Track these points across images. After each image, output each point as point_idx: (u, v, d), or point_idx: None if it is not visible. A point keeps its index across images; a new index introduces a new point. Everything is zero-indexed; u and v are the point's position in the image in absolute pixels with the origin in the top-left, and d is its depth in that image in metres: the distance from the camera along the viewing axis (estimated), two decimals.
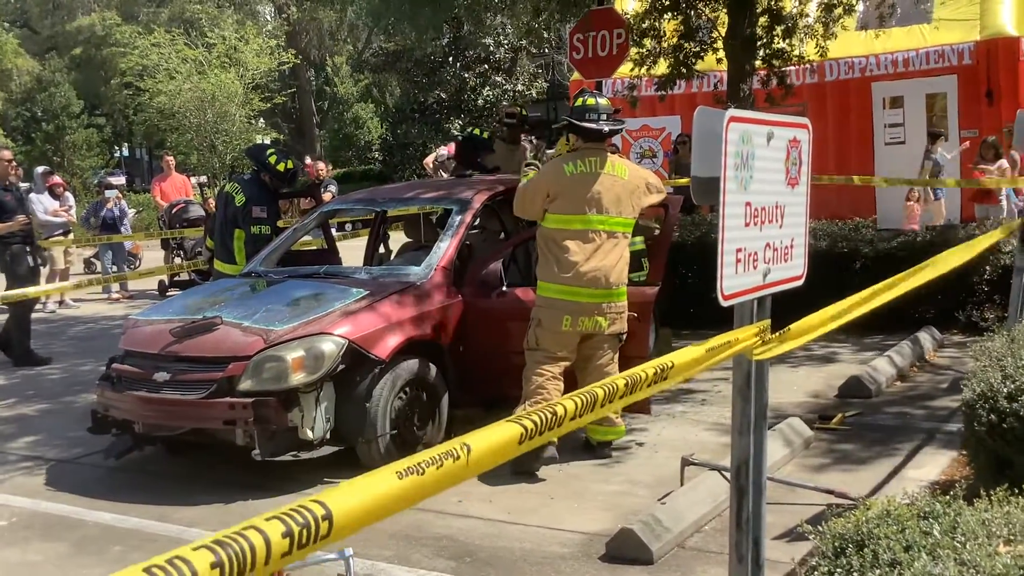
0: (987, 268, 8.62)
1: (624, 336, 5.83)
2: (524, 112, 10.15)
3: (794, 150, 2.51)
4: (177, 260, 15.08)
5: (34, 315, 10.51)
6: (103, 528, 5.20)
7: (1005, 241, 8.60)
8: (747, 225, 2.33)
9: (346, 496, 1.42)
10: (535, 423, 1.74)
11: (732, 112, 2.22)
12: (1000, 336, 4.77)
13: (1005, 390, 3.68)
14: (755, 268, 2.38)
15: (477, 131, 10.09)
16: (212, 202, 15.41)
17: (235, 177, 10.90)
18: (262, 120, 33.06)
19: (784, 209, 2.49)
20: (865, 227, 9.96)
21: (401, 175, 29.55)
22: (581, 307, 5.63)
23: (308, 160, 18.33)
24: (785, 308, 2.57)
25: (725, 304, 2.29)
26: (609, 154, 5.94)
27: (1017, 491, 2.70)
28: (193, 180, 20.59)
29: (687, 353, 2.15)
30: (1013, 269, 6.05)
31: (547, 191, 5.76)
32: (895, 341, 8.10)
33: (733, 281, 2.28)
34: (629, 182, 5.80)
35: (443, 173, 13.51)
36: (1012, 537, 2.36)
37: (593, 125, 5.78)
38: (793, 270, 2.60)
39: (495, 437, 1.71)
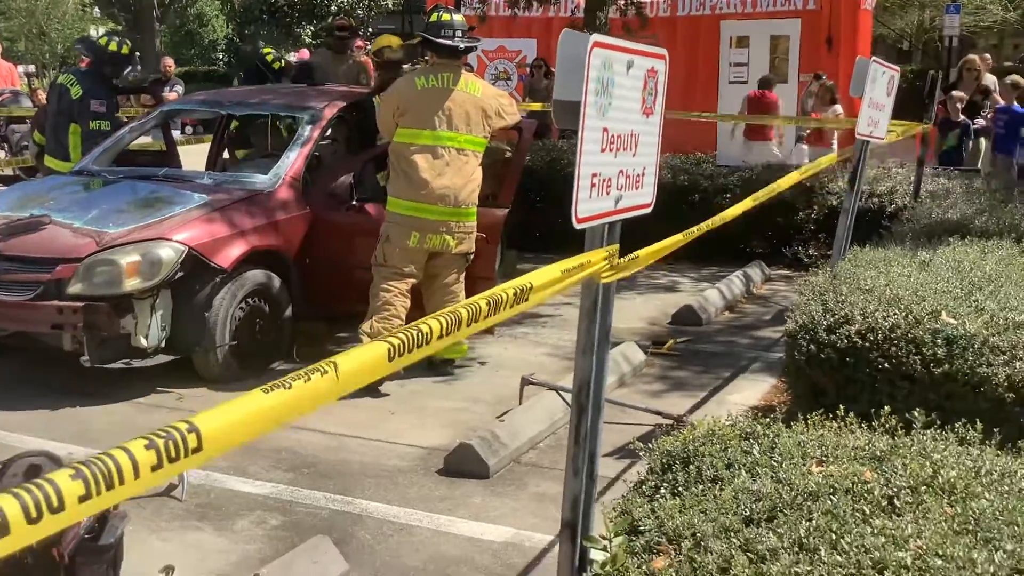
0: (815, 207, 9.08)
1: (471, 256, 5.88)
2: (352, 23, 10.13)
3: (651, 80, 2.57)
4: (0, 154, 14.12)
5: None
6: None
7: (832, 180, 9.08)
8: (603, 151, 2.38)
9: (215, 416, 1.42)
10: (402, 341, 1.76)
11: (596, 37, 2.25)
12: (824, 272, 5.06)
13: (825, 323, 3.91)
14: (608, 194, 2.44)
15: (268, 49, 9.76)
16: (41, 94, 14.43)
17: (70, 69, 10.27)
18: (97, 9, 31.11)
19: (638, 138, 2.56)
20: (705, 162, 10.31)
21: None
22: (429, 224, 5.63)
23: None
24: (624, 235, 2.66)
25: (578, 227, 2.34)
26: (464, 72, 5.91)
27: (831, 416, 2.91)
28: (20, 69, 19.26)
29: (544, 275, 2.20)
30: (840, 210, 6.38)
31: (397, 104, 5.70)
32: (728, 273, 8.47)
33: (587, 205, 2.34)
34: (482, 100, 5.78)
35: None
36: (824, 458, 2.55)
37: (448, 41, 5.73)
38: (643, 197, 2.68)
39: (364, 356, 1.71)
